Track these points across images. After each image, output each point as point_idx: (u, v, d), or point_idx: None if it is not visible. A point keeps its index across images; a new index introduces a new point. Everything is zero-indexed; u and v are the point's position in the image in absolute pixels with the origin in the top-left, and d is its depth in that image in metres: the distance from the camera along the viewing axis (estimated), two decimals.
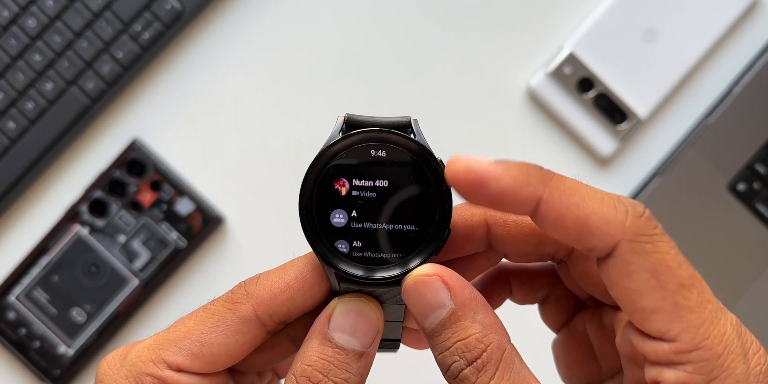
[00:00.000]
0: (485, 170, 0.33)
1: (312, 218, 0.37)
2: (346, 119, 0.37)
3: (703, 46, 0.82)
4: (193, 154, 0.83)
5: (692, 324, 0.33)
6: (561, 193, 0.33)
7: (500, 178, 0.33)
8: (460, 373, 0.35)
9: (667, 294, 0.33)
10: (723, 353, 0.33)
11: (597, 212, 0.33)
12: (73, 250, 0.80)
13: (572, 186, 0.33)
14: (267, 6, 0.83)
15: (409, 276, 0.36)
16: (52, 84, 0.80)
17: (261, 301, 0.37)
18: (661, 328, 0.33)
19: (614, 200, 0.33)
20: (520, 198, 0.33)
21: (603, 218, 0.32)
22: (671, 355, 0.33)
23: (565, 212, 0.33)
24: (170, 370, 0.37)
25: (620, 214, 0.33)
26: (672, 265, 0.33)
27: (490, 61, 0.83)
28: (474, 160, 0.33)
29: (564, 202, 0.33)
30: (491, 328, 0.35)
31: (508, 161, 0.33)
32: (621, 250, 0.33)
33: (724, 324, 0.33)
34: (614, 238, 0.33)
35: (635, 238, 0.33)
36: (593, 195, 0.33)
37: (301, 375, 0.36)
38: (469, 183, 0.33)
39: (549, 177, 0.33)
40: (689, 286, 0.33)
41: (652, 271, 0.33)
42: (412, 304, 0.36)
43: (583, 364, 0.43)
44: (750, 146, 0.81)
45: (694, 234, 0.80)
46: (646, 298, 0.33)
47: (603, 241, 0.33)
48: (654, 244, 0.33)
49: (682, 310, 0.33)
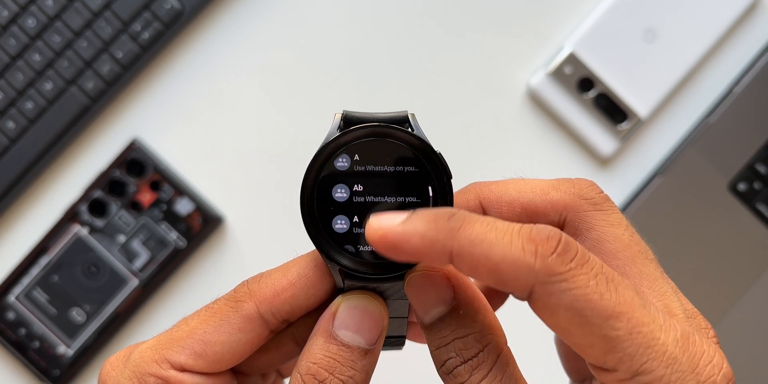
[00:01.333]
0: (394, 234, 0.32)
1: (314, 215, 0.37)
2: (344, 116, 0.37)
3: (703, 46, 0.82)
4: (193, 154, 0.83)
5: (626, 353, 0.32)
6: (469, 244, 0.32)
7: (409, 240, 0.32)
8: (455, 370, 0.35)
9: (594, 329, 0.32)
10: (666, 373, 0.32)
11: (506, 260, 0.31)
12: (73, 250, 0.80)
13: (480, 233, 0.32)
14: (267, 6, 0.83)
15: (413, 270, 0.36)
16: (51, 84, 0.80)
17: (264, 299, 0.37)
18: (599, 360, 0.32)
19: (523, 241, 0.32)
20: (433, 256, 0.32)
21: (512, 265, 0.31)
22: (616, 383, 0.33)
23: (476, 264, 0.32)
24: (174, 369, 0.37)
25: (528, 257, 0.31)
26: (593, 298, 0.32)
27: (490, 61, 0.83)
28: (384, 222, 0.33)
29: (473, 253, 0.32)
30: (490, 329, 0.36)
31: (418, 216, 0.33)
32: (537, 294, 0.32)
33: (663, 343, 0.32)
34: (527, 284, 0.32)
35: (547, 280, 0.31)
36: (501, 238, 0.32)
37: (307, 373, 0.36)
38: (386, 249, 0.33)
39: (456, 227, 0.32)
40: (616, 315, 0.32)
41: (571, 309, 0.32)
42: (414, 298, 0.36)
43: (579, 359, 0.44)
44: (750, 146, 0.81)
45: (694, 234, 0.80)
46: (575, 334, 0.32)
47: (518, 289, 0.32)
48: (569, 281, 0.32)
49: (612, 342, 0.32)
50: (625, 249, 0.37)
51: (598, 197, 0.39)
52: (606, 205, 0.38)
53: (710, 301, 0.80)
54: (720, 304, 0.80)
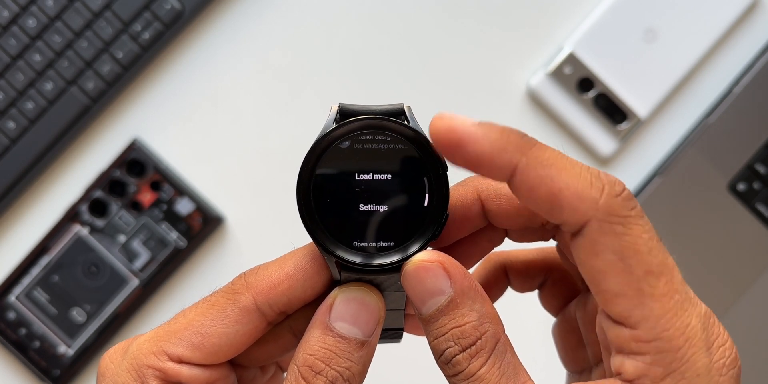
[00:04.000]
0: (465, 132, 0.33)
1: (310, 207, 0.37)
2: (340, 108, 0.37)
3: (703, 46, 0.82)
4: (193, 154, 0.83)
5: (654, 313, 0.32)
6: (537, 163, 0.32)
7: (478, 141, 0.32)
8: (453, 359, 0.35)
9: (633, 279, 0.32)
10: (684, 346, 0.32)
11: (570, 187, 0.32)
12: (73, 250, 0.80)
13: (551, 157, 0.32)
14: (267, 6, 0.83)
15: (410, 261, 0.36)
16: (52, 84, 0.80)
17: (261, 291, 0.37)
18: (623, 313, 0.32)
19: (592, 176, 0.32)
20: (496, 164, 0.32)
21: (575, 194, 0.32)
22: (631, 343, 0.33)
23: (538, 183, 0.32)
24: (171, 361, 0.37)
25: (595, 192, 0.32)
26: (642, 250, 0.32)
27: (490, 61, 0.83)
28: (457, 119, 0.33)
29: (539, 172, 0.32)
30: (487, 317, 0.36)
31: (491, 124, 0.33)
32: (590, 229, 0.32)
33: (689, 315, 0.32)
34: (584, 215, 0.32)
35: (606, 218, 0.32)
36: (571, 168, 0.32)
37: (303, 364, 0.36)
38: (449, 143, 0.33)
39: (529, 145, 0.33)
40: (657, 274, 0.32)
41: (619, 254, 0.32)
42: (411, 289, 0.36)
43: (577, 349, 0.44)
44: (750, 146, 0.81)
45: (694, 234, 0.80)
46: (611, 280, 0.32)
47: (573, 218, 0.32)
48: (626, 226, 0.32)
49: (645, 298, 0.32)
50: None
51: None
52: None
53: (710, 301, 0.80)
54: (720, 304, 0.80)
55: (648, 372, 0.33)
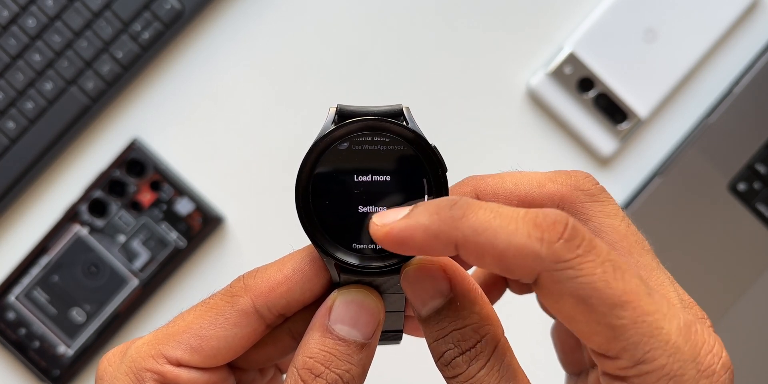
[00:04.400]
0: (399, 230, 0.32)
1: (309, 209, 0.37)
2: (338, 110, 0.37)
3: (703, 46, 0.82)
4: (193, 154, 0.83)
5: (630, 341, 0.32)
6: (473, 232, 0.32)
7: (413, 234, 0.32)
8: (453, 361, 0.35)
9: (599, 316, 0.32)
10: (668, 362, 0.32)
11: (511, 247, 0.31)
12: (73, 250, 0.80)
13: (484, 221, 0.32)
14: (267, 6, 0.83)
15: (409, 263, 0.36)
16: (52, 84, 0.80)
17: (259, 293, 0.37)
18: (602, 348, 0.32)
19: (529, 227, 0.31)
20: (438, 248, 0.32)
21: (518, 252, 0.31)
22: (617, 371, 0.33)
23: (481, 252, 0.32)
24: (170, 364, 0.37)
25: (535, 244, 0.31)
26: (599, 286, 0.31)
27: (490, 61, 0.83)
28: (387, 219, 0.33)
29: (478, 242, 0.32)
30: (487, 320, 0.36)
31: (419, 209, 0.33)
32: (543, 282, 0.32)
33: (668, 332, 0.32)
34: (533, 271, 0.32)
35: (554, 267, 0.31)
36: (507, 226, 0.31)
37: (303, 367, 0.36)
38: (392, 245, 0.33)
39: (459, 216, 0.32)
40: (622, 304, 0.32)
41: (577, 297, 0.31)
42: (410, 291, 0.36)
43: (575, 351, 0.44)
44: (750, 146, 0.81)
45: (694, 234, 0.80)
46: (580, 322, 0.32)
47: (524, 275, 0.32)
48: (576, 269, 0.31)
49: (617, 330, 0.32)
50: (622, 239, 0.38)
51: (595, 189, 0.39)
52: (602, 196, 0.39)
53: (710, 300, 0.80)
54: (720, 304, 0.80)
55: None
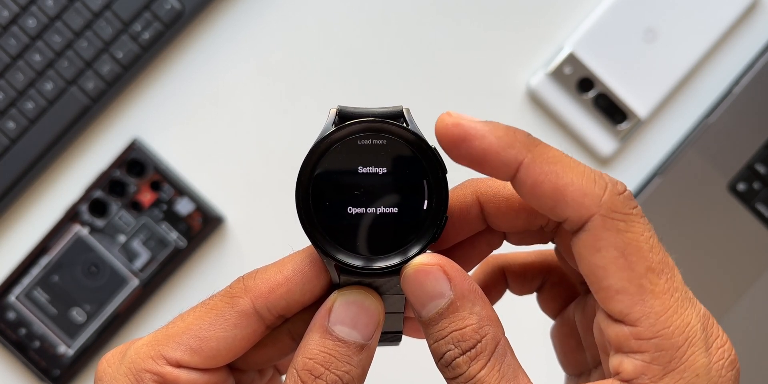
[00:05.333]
0: (472, 127, 0.33)
1: (309, 211, 0.37)
2: (339, 111, 0.37)
3: (703, 46, 0.82)
4: (193, 154, 0.83)
5: (654, 310, 0.32)
6: (543, 159, 0.33)
7: (485, 136, 0.33)
8: (453, 362, 0.35)
9: (634, 275, 0.32)
10: (683, 345, 0.32)
11: (575, 183, 0.33)
12: (73, 250, 0.80)
13: (555, 155, 0.33)
14: (267, 6, 0.83)
15: (409, 264, 0.36)
16: (52, 84, 0.80)
17: (259, 294, 0.37)
18: (623, 310, 0.33)
19: (596, 175, 0.33)
20: (502, 159, 0.33)
21: (580, 190, 0.32)
22: (630, 340, 0.33)
23: (543, 179, 0.33)
24: (169, 365, 0.37)
25: (598, 189, 0.33)
26: (643, 247, 0.32)
27: (490, 61, 0.83)
28: (464, 116, 0.34)
29: (544, 169, 0.33)
30: (487, 320, 0.36)
31: (497, 123, 0.34)
32: (593, 224, 0.33)
33: (690, 314, 0.33)
34: (588, 210, 0.32)
35: (609, 214, 0.32)
36: (575, 167, 0.33)
37: (303, 368, 0.36)
38: (455, 138, 0.33)
39: (534, 143, 0.33)
40: (658, 271, 0.32)
41: (621, 250, 0.32)
42: (410, 292, 0.36)
43: (576, 352, 0.44)
44: (750, 146, 0.81)
45: (694, 234, 0.80)
46: (612, 276, 0.33)
47: (576, 213, 0.33)
48: (628, 223, 0.33)
49: (646, 294, 0.32)
50: None
51: None
52: None
53: (710, 301, 0.80)
54: (720, 304, 0.80)
55: (647, 371, 0.33)
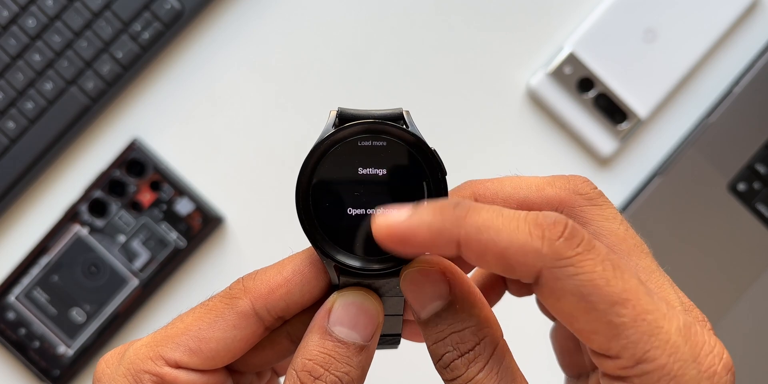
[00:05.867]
0: (402, 229, 0.33)
1: (309, 212, 0.37)
2: (339, 113, 0.37)
3: (703, 46, 0.82)
4: (193, 154, 0.83)
5: (630, 340, 0.32)
6: (476, 231, 0.32)
7: (417, 233, 0.32)
8: (452, 363, 0.35)
9: (599, 314, 0.32)
10: (668, 362, 0.32)
11: (513, 245, 0.32)
12: (73, 250, 0.80)
13: (486, 219, 0.32)
14: (267, 6, 0.83)
15: (409, 266, 0.36)
16: (52, 84, 0.80)
17: (259, 295, 0.37)
18: (602, 347, 0.33)
19: (530, 226, 0.32)
20: (441, 247, 0.32)
21: (519, 250, 0.32)
22: (618, 371, 0.33)
23: (483, 250, 0.32)
24: (168, 366, 0.37)
25: (536, 242, 0.32)
26: (599, 284, 0.32)
27: (490, 61, 0.83)
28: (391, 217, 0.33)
29: (481, 240, 0.32)
30: (486, 323, 0.36)
31: (423, 208, 0.33)
32: (544, 278, 0.32)
33: (667, 332, 0.32)
34: (534, 268, 0.32)
35: (554, 264, 0.32)
36: (508, 224, 0.32)
37: (302, 369, 0.36)
38: (395, 243, 0.33)
39: (462, 215, 0.32)
40: (622, 302, 0.32)
41: (578, 295, 0.32)
42: (410, 293, 0.36)
43: (575, 354, 0.44)
44: (750, 146, 0.81)
45: (694, 234, 0.80)
46: (580, 320, 0.32)
47: (526, 274, 0.32)
48: (576, 266, 0.32)
49: (617, 328, 0.32)
50: (621, 242, 0.38)
51: (593, 192, 0.39)
52: (600, 200, 0.39)
53: (710, 301, 0.80)
54: (720, 304, 0.80)
55: None
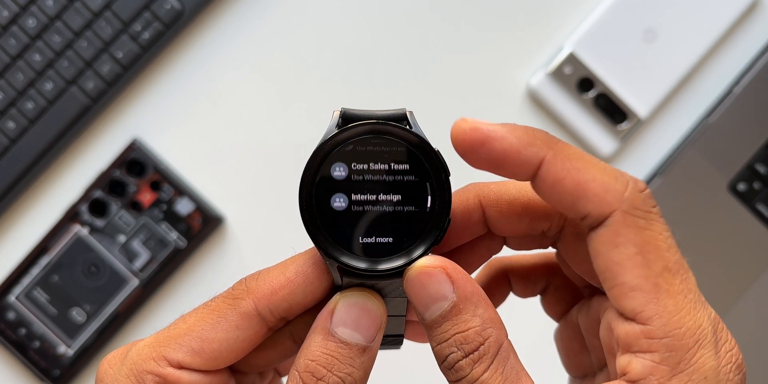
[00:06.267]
0: (491, 129, 0.33)
1: (312, 213, 0.37)
2: (342, 113, 0.37)
3: (703, 46, 0.82)
4: (193, 154, 0.83)
5: (667, 309, 0.32)
6: (564, 156, 0.33)
7: (505, 137, 0.33)
8: (456, 364, 0.35)
9: (650, 273, 0.32)
10: (693, 346, 0.32)
11: (597, 179, 0.33)
12: (73, 250, 0.80)
13: (576, 152, 0.33)
14: (267, 6, 0.83)
15: (412, 267, 0.36)
16: (52, 84, 0.80)
17: (261, 296, 0.37)
18: (636, 308, 0.33)
19: (617, 172, 0.33)
20: (523, 158, 0.33)
21: (602, 185, 0.32)
22: (641, 339, 0.33)
23: (565, 175, 0.33)
24: (171, 367, 0.37)
25: (620, 185, 0.33)
26: (661, 246, 0.33)
27: (491, 61, 0.83)
28: (480, 121, 0.34)
29: (566, 165, 0.33)
30: (490, 323, 0.36)
31: (515, 124, 0.34)
32: (614, 220, 0.33)
33: (702, 316, 0.33)
34: (610, 206, 0.32)
35: (630, 211, 0.32)
36: (596, 163, 0.33)
37: (305, 370, 0.36)
38: (474, 142, 0.33)
39: (554, 141, 0.33)
40: (674, 271, 0.32)
41: (639, 247, 0.32)
42: (413, 294, 0.36)
43: (580, 354, 0.44)
44: (750, 146, 0.81)
45: (694, 234, 0.80)
46: (628, 273, 0.33)
47: (598, 208, 0.33)
48: (648, 221, 0.33)
49: (660, 293, 0.32)
50: None
51: None
52: None
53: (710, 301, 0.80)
54: (720, 304, 0.80)
55: (655, 371, 0.32)
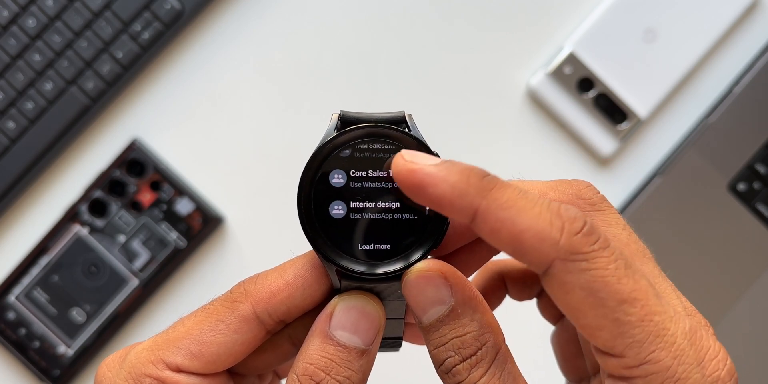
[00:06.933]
0: (426, 173, 0.32)
1: (311, 216, 0.37)
2: (341, 116, 0.37)
3: (703, 46, 0.81)
4: (193, 154, 0.83)
5: (636, 339, 0.32)
6: (497, 206, 0.32)
7: (438, 185, 0.32)
8: (453, 369, 0.35)
9: (607, 311, 0.32)
10: (673, 364, 0.32)
11: (531, 229, 0.32)
12: (73, 250, 0.80)
13: (510, 198, 0.32)
14: (267, 6, 0.83)
15: (410, 270, 0.36)
16: (52, 84, 0.80)
17: (260, 299, 0.37)
18: (606, 345, 0.33)
19: (552, 215, 0.32)
20: (456, 207, 0.32)
21: (536, 236, 0.32)
22: (621, 370, 0.33)
23: (499, 227, 0.32)
24: (169, 370, 0.37)
25: (555, 232, 0.32)
26: (610, 281, 0.32)
27: (490, 61, 0.83)
28: (418, 160, 0.33)
29: (499, 216, 0.32)
30: (488, 327, 0.36)
31: (452, 165, 0.33)
32: (555, 269, 0.32)
33: (673, 334, 0.32)
34: (548, 256, 0.32)
35: (568, 257, 0.32)
36: (531, 209, 0.32)
37: (303, 373, 0.36)
38: (411, 184, 0.33)
39: (489, 187, 0.32)
40: (631, 301, 0.32)
41: (587, 289, 0.32)
42: (412, 298, 0.36)
43: (576, 358, 0.44)
44: (750, 146, 0.81)
45: (694, 234, 0.80)
46: (587, 315, 0.32)
47: (537, 260, 0.32)
48: (590, 262, 0.32)
49: (624, 326, 0.32)
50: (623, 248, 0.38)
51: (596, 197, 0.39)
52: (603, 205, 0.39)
53: (710, 301, 0.80)
54: (720, 304, 0.80)
55: None
